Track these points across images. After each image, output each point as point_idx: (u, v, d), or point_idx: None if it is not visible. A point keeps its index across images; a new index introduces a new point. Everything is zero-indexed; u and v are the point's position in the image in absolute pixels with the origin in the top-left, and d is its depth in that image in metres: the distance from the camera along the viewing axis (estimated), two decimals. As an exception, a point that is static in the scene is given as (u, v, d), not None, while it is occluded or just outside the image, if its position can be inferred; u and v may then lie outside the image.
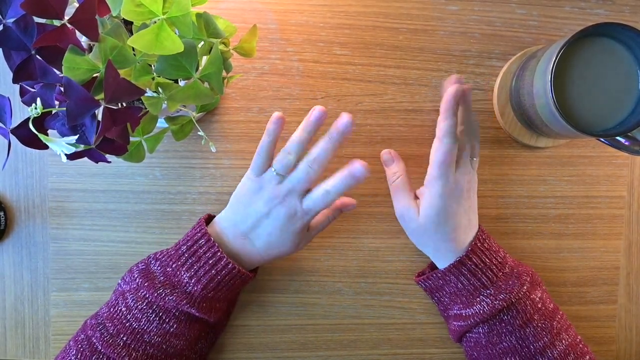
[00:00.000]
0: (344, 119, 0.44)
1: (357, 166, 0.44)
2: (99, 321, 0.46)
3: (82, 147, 0.34)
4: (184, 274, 0.47)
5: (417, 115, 0.56)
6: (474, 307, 0.49)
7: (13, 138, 0.33)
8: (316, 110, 0.45)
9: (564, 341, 0.47)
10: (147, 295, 0.46)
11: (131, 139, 0.38)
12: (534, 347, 0.47)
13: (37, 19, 0.31)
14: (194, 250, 0.47)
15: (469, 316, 0.49)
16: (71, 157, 0.34)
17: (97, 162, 0.35)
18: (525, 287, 0.48)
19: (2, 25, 0.31)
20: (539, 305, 0.48)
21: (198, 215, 0.55)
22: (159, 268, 0.48)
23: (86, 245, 0.55)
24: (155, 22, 0.34)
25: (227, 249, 0.48)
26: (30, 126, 0.33)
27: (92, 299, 0.56)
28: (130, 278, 0.48)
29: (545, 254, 0.57)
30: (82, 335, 0.46)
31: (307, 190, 0.46)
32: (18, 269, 0.56)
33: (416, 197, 0.52)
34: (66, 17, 0.31)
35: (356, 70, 0.55)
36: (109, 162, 0.35)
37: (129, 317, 0.46)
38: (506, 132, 0.56)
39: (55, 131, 0.33)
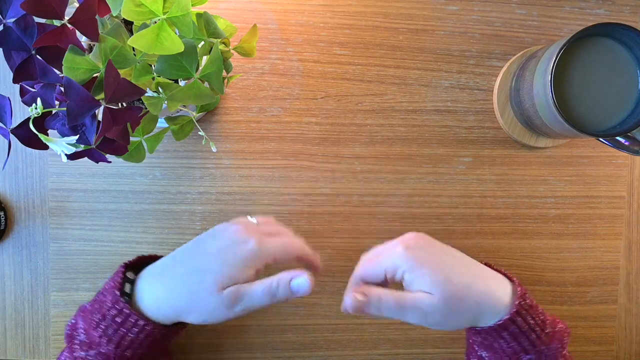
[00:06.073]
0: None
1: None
2: None
3: (82, 147, 0.34)
4: (96, 333, 0.43)
5: (417, 115, 0.56)
6: None
7: (13, 138, 0.33)
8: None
9: None
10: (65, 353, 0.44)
11: (131, 139, 0.38)
12: None
13: (37, 19, 0.31)
14: (103, 312, 0.43)
15: None
16: (71, 157, 0.34)
17: (97, 162, 0.34)
18: (565, 350, 0.45)
19: (2, 25, 0.31)
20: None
21: (198, 215, 0.55)
22: (81, 323, 0.44)
23: (86, 245, 0.55)
24: (155, 22, 0.33)
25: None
26: (31, 126, 0.33)
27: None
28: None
29: (545, 254, 0.57)
30: None
31: None
32: (18, 269, 0.55)
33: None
34: (66, 17, 0.31)
35: (356, 70, 0.55)
36: (109, 162, 0.35)
37: None
38: (506, 132, 0.56)
39: (55, 131, 0.33)
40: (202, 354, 0.56)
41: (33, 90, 0.34)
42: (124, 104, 0.38)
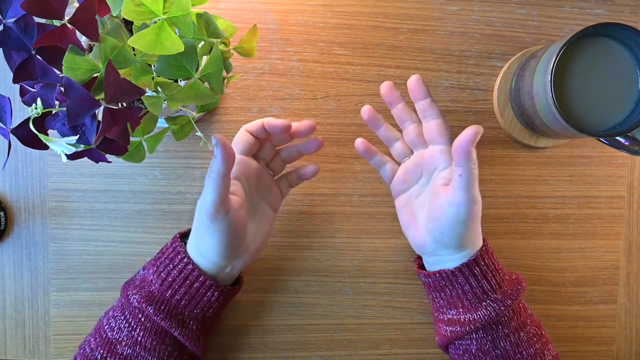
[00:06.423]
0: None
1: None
2: (87, 338, 0.47)
3: (82, 147, 0.34)
4: (150, 270, 0.47)
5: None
6: (479, 312, 0.45)
7: (13, 138, 0.33)
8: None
9: (552, 352, 0.47)
10: (121, 299, 0.47)
11: (131, 139, 0.38)
12: (527, 353, 0.45)
13: (37, 19, 0.31)
14: (163, 250, 0.48)
15: (469, 322, 0.46)
16: (71, 157, 0.34)
17: (97, 162, 0.35)
18: (523, 293, 0.47)
19: (2, 25, 0.31)
20: (529, 312, 0.48)
21: (198, 215, 0.55)
22: (140, 272, 0.49)
23: (86, 245, 0.55)
24: (155, 22, 0.33)
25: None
26: (31, 126, 0.33)
27: (92, 299, 0.56)
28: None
29: (545, 254, 0.57)
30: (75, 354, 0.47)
31: None
32: (18, 269, 0.55)
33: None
34: (66, 17, 0.31)
35: (356, 70, 0.55)
36: (109, 162, 0.35)
37: (105, 327, 0.46)
38: (506, 132, 0.56)
39: (55, 131, 0.33)
40: (202, 354, 0.56)
41: (33, 90, 0.34)
42: (124, 104, 0.38)
